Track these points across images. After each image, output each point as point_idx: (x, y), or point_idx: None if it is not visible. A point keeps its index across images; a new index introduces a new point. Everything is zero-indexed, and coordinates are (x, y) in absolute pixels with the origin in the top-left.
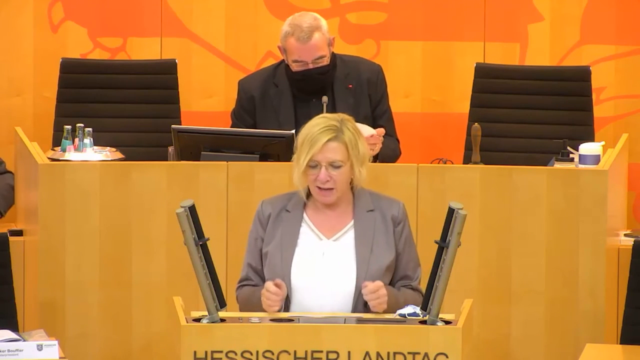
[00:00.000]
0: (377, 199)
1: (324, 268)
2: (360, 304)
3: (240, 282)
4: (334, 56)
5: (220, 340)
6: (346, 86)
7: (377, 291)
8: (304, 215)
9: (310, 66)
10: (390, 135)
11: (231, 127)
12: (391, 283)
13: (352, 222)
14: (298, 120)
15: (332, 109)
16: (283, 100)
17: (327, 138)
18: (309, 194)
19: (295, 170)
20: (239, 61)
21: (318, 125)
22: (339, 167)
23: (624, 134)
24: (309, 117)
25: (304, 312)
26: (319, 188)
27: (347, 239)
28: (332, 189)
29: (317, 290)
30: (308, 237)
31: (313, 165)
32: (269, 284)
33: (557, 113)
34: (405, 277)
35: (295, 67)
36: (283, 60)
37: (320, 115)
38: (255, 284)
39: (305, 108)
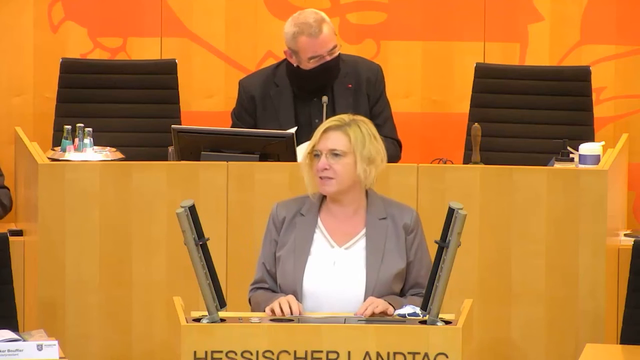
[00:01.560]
0: (389, 206)
1: (335, 276)
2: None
3: (254, 283)
4: None
5: (220, 340)
6: (345, 86)
7: (367, 308)
8: (318, 220)
9: (327, 58)
10: (389, 136)
11: (231, 127)
12: (402, 290)
13: (364, 230)
14: (298, 120)
15: (332, 108)
16: (283, 100)
17: (328, 126)
18: (322, 199)
19: (303, 169)
20: (239, 61)
21: (328, 120)
22: (339, 156)
23: (624, 134)
24: (310, 117)
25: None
26: (320, 178)
27: (358, 247)
28: (331, 178)
29: (327, 298)
30: (320, 244)
31: (316, 154)
32: (294, 305)
33: (557, 113)
34: (417, 285)
35: (311, 64)
36: (284, 60)
37: (335, 116)
38: (269, 287)
39: (305, 108)
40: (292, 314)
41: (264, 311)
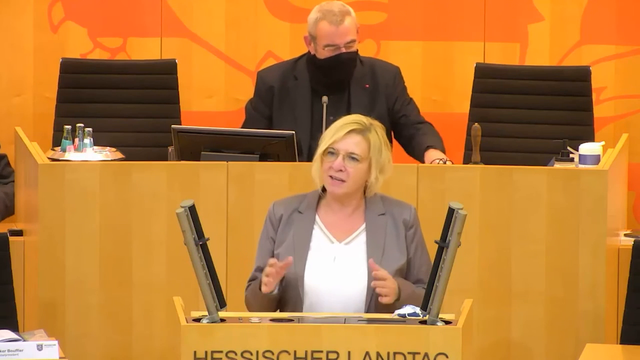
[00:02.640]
0: (388, 203)
1: (336, 272)
2: (372, 308)
3: (248, 281)
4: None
5: (220, 340)
6: (363, 86)
7: (383, 281)
8: (316, 216)
9: (343, 50)
10: (422, 122)
11: (245, 120)
12: None
13: (363, 226)
14: (314, 115)
15: (347, 107)
16: (300, 94)
17: (351, 128)
18: (319, 196)
19: (315, 162)
20: (239, 61)
21: (347, 119)
22: (356, 160)
23: (624, 134)
24: (325, 113)
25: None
26: (331, 177)
27: (358, 242)
28: (343, 181)
29: (329, 294)
30: (320, 240)
31: (332, 152)
32: (271, 267)
33: (557, 113)
34: (419, 281)
35: (325, 53)
36: (305, 54)
37: (353, 115)
38: None
39: (322, 103)
40: (275, 274)
41: (255, 300)
